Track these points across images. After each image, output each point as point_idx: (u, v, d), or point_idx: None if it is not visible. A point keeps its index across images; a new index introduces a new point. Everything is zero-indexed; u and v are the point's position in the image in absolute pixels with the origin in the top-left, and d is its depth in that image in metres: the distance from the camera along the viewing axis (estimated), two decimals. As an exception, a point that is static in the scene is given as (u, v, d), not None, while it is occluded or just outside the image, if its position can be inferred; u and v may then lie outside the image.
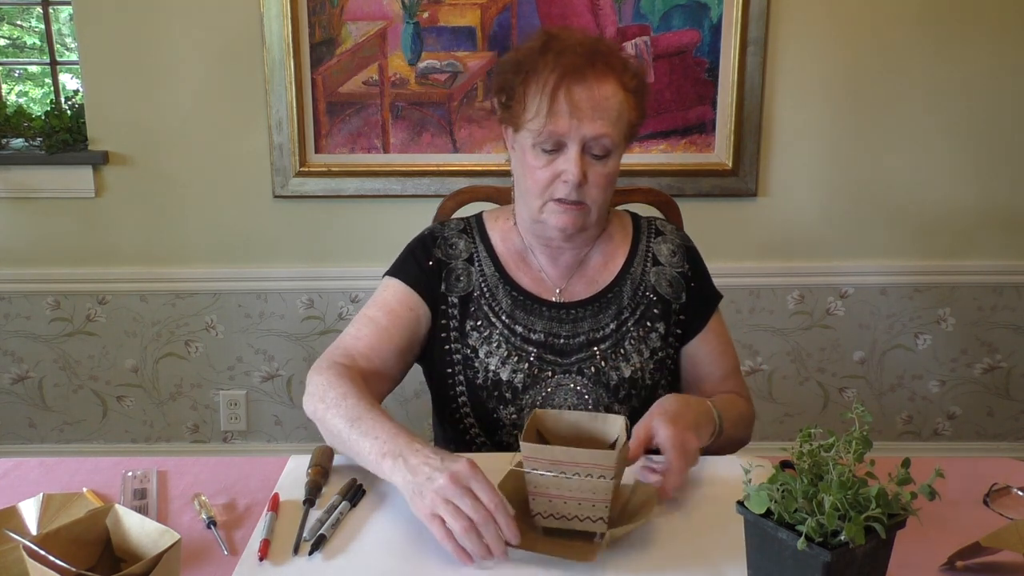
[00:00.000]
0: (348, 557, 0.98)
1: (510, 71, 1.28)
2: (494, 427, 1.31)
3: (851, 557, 0.82)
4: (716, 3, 2.35)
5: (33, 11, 2.77)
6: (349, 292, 2.53)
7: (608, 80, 1.23)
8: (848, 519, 0.81)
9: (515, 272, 1.36)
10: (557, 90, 1.21)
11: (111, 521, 0.87)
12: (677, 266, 1.39)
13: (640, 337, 1.33)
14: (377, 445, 1.08)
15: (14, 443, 2.65)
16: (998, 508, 1.10)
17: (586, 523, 1.00)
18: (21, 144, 2.53)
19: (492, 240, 1.39)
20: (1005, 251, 2.55)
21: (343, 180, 2.45)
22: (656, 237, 1.41)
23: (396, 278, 1.36)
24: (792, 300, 2.57)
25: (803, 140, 2.46)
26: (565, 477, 0.98)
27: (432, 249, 1.37)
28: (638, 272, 1.37)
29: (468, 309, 1.34)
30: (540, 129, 1.22)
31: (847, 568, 0.83)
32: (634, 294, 1.36)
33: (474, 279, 1.36)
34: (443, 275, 1.36)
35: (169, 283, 2.54)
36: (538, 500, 1.01)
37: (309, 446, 1.23)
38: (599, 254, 1.38)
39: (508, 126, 1.31)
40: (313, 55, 2.38)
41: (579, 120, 1.21)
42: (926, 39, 2.39)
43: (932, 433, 2.68)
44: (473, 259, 1.37)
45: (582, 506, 0.99)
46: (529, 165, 1.26)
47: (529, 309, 1.34)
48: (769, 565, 0.87)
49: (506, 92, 1.28)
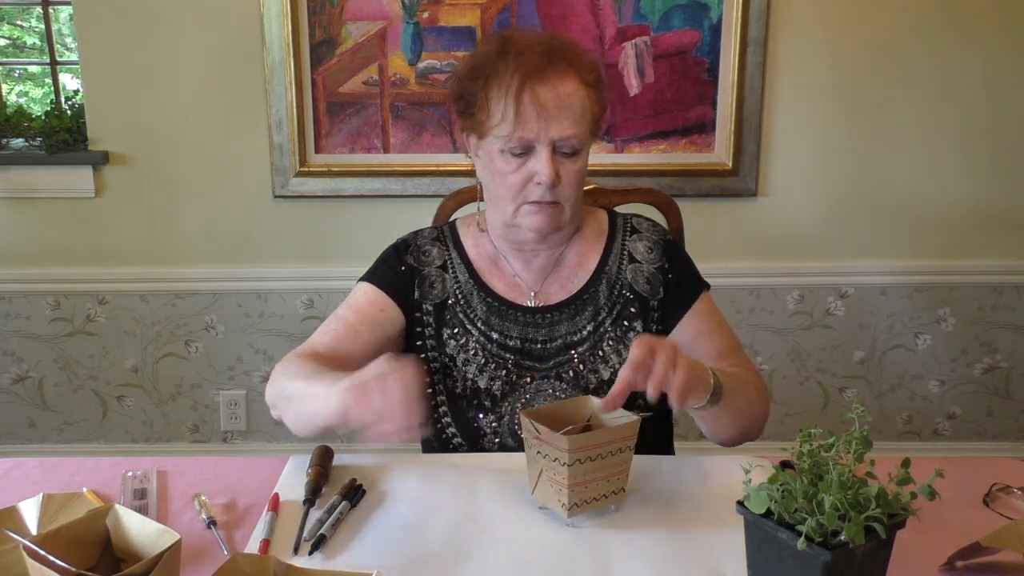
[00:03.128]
0: (348, 557, 0.98)
1: (467, 78, 1.26)
2: (475, 435, 1.30)
3: (851, 557, 0.82)
4: (716, 3, 2.35)
5: (33, 11, 2.77)
6: (349, 292, 2.52)
7: (568, 78, 1.22)
8: (848, 519, 0.81)
9: (489, 278, 1.35)
10: (521, 93, 1.20)
11: (111, 521, 0.87)
12: (654, 262, 1.35)
13: (618, 337, 1.32)
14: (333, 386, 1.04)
15: (14, 443, 2.65)
16: (998, 508, 1.10)
17: (611, 498, 1.05)
18: (21, 144, 2.53)
19: (465, 247, 1.38)
20: (1005, 251, 2.55)
21: (343, 180, 2.45)
22: (632, 235, 1.38)
23: (367, 282, 1.37)
24: (792, 300, 2.57)
25: (803, 140, 2.46)
26: (602, 458, 1.02)
27: (404, 255, 1.37)
28: (613, 270, 1.34)
29: (444, 317, 1.33)
30: (509, 135, 1.21)
31: (847, 568, 0.82)
32: (610, 293, 1.33)
33: (448, 286, 1.35)
34: (416, 281, 1.35)
35: (169, 283, 2.54)
36: (576, 491, 1.02)
37: (309, 446, 1.23)
38: (573, 253, 1.36)
39: (471, 133, 1.29)
40: (313, 55, 2.38)
41: (547, 121, 1.20)
42: (926, 39, 2.39)
43: (932, 433, 2.68)
44: (447, 266, 1.36)
45: (611, 482, 1.04)
46: (499, 170, 1.25)
47: (504, 315, 1.32)
48: (769, 565, 0.87)
49: (465, 99, 1.27)
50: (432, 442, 1.37)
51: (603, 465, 1.02)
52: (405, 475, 1.17)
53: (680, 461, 1.23)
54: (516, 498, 1.10)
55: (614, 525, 1.04)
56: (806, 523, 0.82)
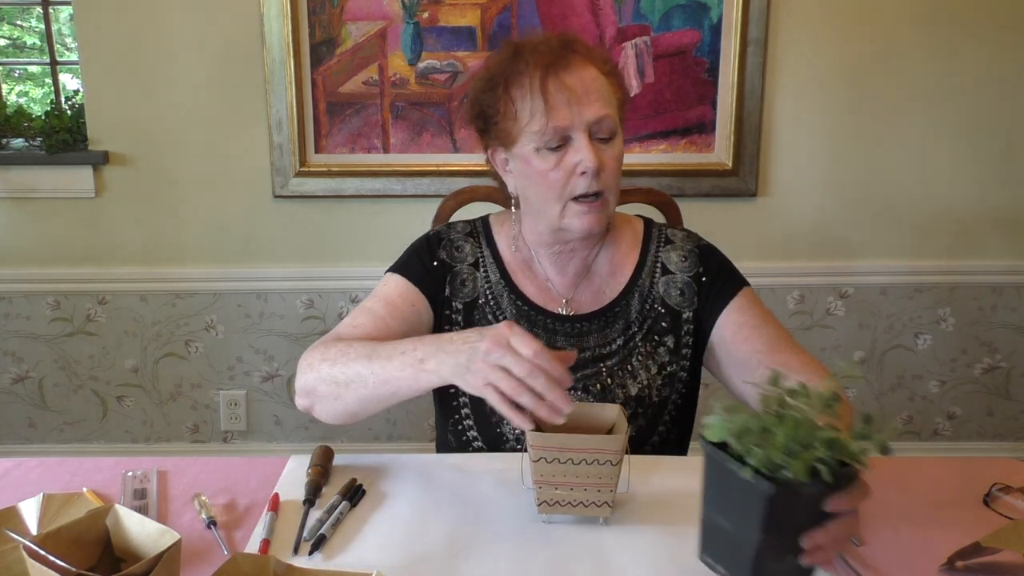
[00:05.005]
0: (348, 557, 0.98)
1: (485, 90, 1.25)
2: (497, 441, 1.28)
3: (795, 496, 0.81)
4: (716, 3, 2.35)
5: (33, 11, 2.77)
6: (349, 292, 2.53)
7: (587, 65, 1.21)
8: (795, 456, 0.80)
9: (520, 280, 1.32)
10: (546, 83, 1.18)
11: (111, 521, 0.87)
12: (688, 271, 1.32)
13: (648, 352, 1.29)
14: (409, 357, 1.04)
15: (14, 443, 2.65)
16: (998, 508, 1.10)
17: (591, 508, 1.02)
18: (21, 144, 2.53)
19: (498, 246, 1.35)
20: (1005, 251, 2.55)
21: (343, 180, 2.45)
22: (666, 246, 1.35)
23: (398, 274, 1.32)
24: (792, 300, 2.57)
25: (803, 140, 2.46)
26: (572, 464, 0.99)
27: (437, 250, 1.34)
28: (647, 284, 1.32)
29: (473, 316, 1.31)
30: (543, 128, 1.18)
31: (790, 507, 0.82)
32: (642, 307, 1.30)
33: (479, 285, 1.32)
34: (447, 278, 1.32)
35: (169, 283, 2.54)
36: (544, 488, 1.01)
37: (309, 446, 1.23)
38: (606, 260, 1.33)
39: (498, 147, 1.27)
40: (313, 55, 2.38)
41: (579, 106, 1.18)
42: (926, 39, 2.39)
43: (932, 433, 2.68)
44: (479, 264, 1.33)
45: (588, 492, 1.01)
46: (538, 171, 1.22)
47: (533, 320, 1.30)
48: (719, 497, 0.87)
49: (486, 113, 1.25)
50: (451, 445, 1.34)
51: (576, 471, 1.00)
52: (405, 475, 1.17)
53: (680, 461, 1.22)
54: (516, 498, 1.10)
55: (614, 525, 1.04)
56: (755, 454, 0.82)
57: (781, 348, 1.23)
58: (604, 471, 0.99)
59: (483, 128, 1.27)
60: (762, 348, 1.23)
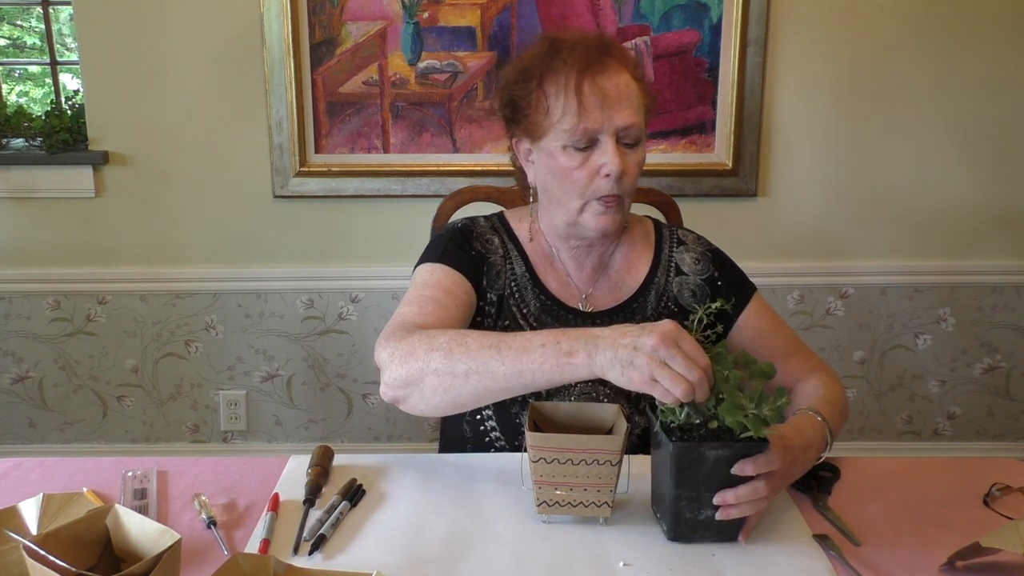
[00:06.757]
0: (348, 557, 0.98)
1: (518, 80, 1.26)
2: (515, 432, 1.28)
3: (701, 456, 0.95)
4: (716, 3, 2.35)
5: (33, 11, 2.77)
6: (349, 292, 2.53)
7: (622, 70, 1.23)
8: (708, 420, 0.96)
9: (543, 275, 1.34)
10: (581, 84, 1.20)
11: (111, 521, 0.87)
12: (701, 273, 1.36)
13: None
14: (552, 350, 1.01)
15: (14, 443, 2.65)
16: (998, 508, 1.10)
17: (591, 508, 1.02)
18: (21, 144, 2.53)
19: (520, 240, 1.37)
20: (1005, 251, 2.55)
21: (343, 180, 2.45)
22: (679, 247, 1.39)
23: (441, 263, 1.29)
24: (792, 300, 2.57)
25: (803, 140, 2.46)
26: (572, 464, 1.00)
27: (472, 241, 1.34)
28: (662, 283, 1.35)
29: (502, 308, 1.32)
30: (573, 127, 1.20)
31: (697, 464, 0.95)
32: (657, 304, 1.34)
33: (507, 278, 1.33)
34: (484, 268, 1.32)
35: (169, 283, 2.54)
36: (544, 489, 1.02)
37: (309, 446, 1.23)
38: (621, 257, 1.37)
39: (524, 137, 1.28)
40: (313, 55, 2.38)
41: (610, 111, 1.20)
42: (926, 39, 2.39)
43: (932, 433, 2.68)
44: (507, 257, 1.35)
45: (588, 492, 1.01)
46: (562, 168, 1.24)
47: (556, 315, 1.32)
48: (657, 458, 1.02)
49: (517, 103, 1.26)
50: (467, 436, 1.33)
51: (576, 471, 1.00)
52: (405, 475, 1.17)
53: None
54: (516, 498, 1.10)
55: (614, 525, 1.04)
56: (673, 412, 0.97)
57: (794, 352, 1.33)
58: (604, 471, 1.00)
59: (511, 117, 1.29)
60: (780, 353, 1.31)
